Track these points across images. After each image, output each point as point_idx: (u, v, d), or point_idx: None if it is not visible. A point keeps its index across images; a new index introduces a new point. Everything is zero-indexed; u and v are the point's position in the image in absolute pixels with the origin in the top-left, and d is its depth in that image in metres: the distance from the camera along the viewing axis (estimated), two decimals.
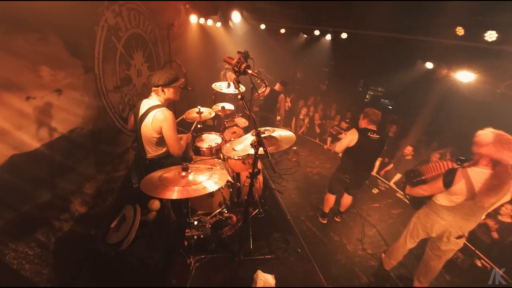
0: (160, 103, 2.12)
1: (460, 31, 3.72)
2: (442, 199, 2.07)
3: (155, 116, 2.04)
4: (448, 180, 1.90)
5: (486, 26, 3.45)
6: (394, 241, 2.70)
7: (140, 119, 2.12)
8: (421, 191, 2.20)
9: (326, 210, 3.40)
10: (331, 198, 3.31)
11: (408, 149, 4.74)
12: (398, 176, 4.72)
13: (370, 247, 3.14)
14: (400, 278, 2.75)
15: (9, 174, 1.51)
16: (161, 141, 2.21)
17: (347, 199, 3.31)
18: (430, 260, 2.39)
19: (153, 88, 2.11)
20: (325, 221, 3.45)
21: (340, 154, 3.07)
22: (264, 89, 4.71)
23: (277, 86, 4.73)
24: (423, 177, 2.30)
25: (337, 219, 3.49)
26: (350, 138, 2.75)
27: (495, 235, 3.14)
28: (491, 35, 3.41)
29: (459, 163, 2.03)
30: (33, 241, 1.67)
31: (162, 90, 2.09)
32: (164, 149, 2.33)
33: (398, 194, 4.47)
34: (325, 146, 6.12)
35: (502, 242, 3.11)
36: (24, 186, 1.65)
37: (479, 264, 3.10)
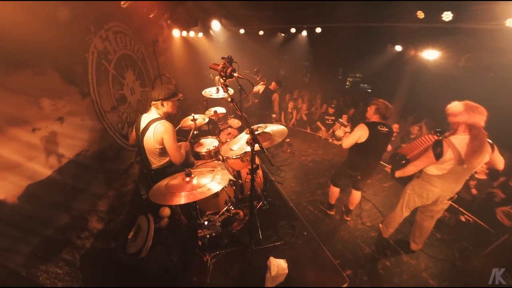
0: (159, 116, 2.14)
1: (420, 14, 3.88)
2: (433, 169, 2.12)
3: (156, 128, 2.07)
4: (438, 152, 1.95)
5: (442, 8, 3.62)
6: (389, 211, 2.80)
7: (142, 133, 2.14)
8: (413, 168, 2.20)
9: (333, 202, 3.22)
10: (336, 191, 3.10)
11: (395, 127, 4.89)
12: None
13: (368, 220, 3.24)
14: (397, 243, 2.87)
15: (28, 203, 1.54)
16: (163, 151, 2.23)
17: (356, 197, 3.05)
18: (423, 222, 2.50)
19: (153, 102, 2.13)
20: (333, 212, 3.28)
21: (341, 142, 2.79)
22: (263, 86, 4.61)
23: (272, 85, 4.84)
24: (408, 157, 2.32)
25: (347, 218, 3.22)
26: (359, 134, 2.47)
27: (474, 191, 3.32)
28: (447, 15, 3.59)
29: (438, 134, 2.09)
30: (61, 261, 1.71)
31: (162, 104, 2.11)
32: (167, 159, 2.35)
33: (386, 169, 4.61)
34: (318, 133, 6.21)
35: (479, 197, 3.30)
36: (43, 212, 1.67)
37: (463, 219, 3.28)
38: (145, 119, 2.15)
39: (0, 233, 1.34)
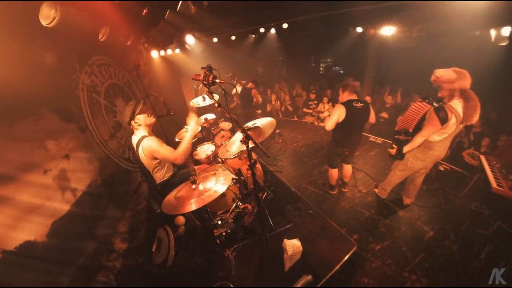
0: (143, 134, 2.07)
1: None
2: (436, 136, 2.14)
3: (142, 147, 2.03)
4: (442, 116, 1.96)
5: None
6: (379, 176, 2.94)
7: (137, 154, 2.12)
8: (421, 138, 2.19)
9: (333, 183, 3.28)
10: (334, 172, 3.15)
11: (367, 99, 5.10)
12: None
13: (363, 188, 3.38)
14: (392, 202, 3.03)
15: (56, 238, 1.57)
16: (162, 164, 2.21)
17: (348, 169, 3.17)
18: (416, 179, 2.64)
19: (131, 125, 2.09)
20: (335, 192, 3.35)
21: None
22: (241, 87, 4.62)
23: (249, 85, 4.89)
24: (410, 130, 2.28)
25: (344, 190, 3.36)
26: (338, 114, 2.52)
27: None
28: None
29: (427, 101, 2.10)
30: (98, 284, 1.75)
31: (136, 122, 2.05)
32: (168, 170, 2.34)
33: (371, 139, 4.79)
34: (304, 119, 6.33)
35: (451, 146, 3.50)
36: (71, 243, 1.70)
37: (441, 168, 3.51)
38: (133, 141, 2.11)
39: (39, 270, 1.38)
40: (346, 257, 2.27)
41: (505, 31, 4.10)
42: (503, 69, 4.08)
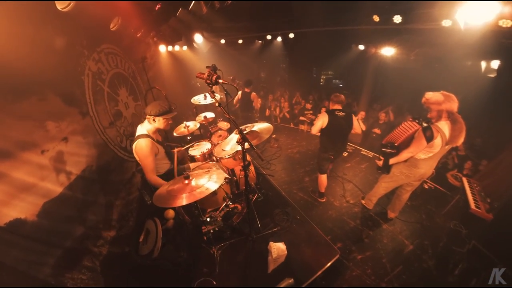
0: (145, 133, 2.06)
1: (376, 18, 4.21)
2: (421, 154, 2.20)
3: (135, 146, 2.02)
4: (428, 135, 2.04)
5: (393, 12, 3.97)
6: (367, 188, 2.99)
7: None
8: (408, 154, 2.24)
9: (322, 190, 3.32)
10: (324, 178, 3.23)
11: (361, 114, 5.24)
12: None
13: (351, 198, 3.43)
14: (377, 214, 3.09)
15: (46, 219, 1.55)
16: None
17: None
18: (402, 195, 2.72)
19: (147, 116, 2.09)
20: (324, 200, 3.38)
21: (318, 133, 3.00)
22: (239, 92, 4.66)
23: (246, 88, 4.90)
24: (396, 144, 2.36)
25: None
26: (322, 120, 2.77)
27: None
28: (397, 18, 3.94)
29: (417, 121, 2.19)
30: (83, 268, 1.73)
31: (153, 120, 2.06)
32: (160, 168, 2.30)
33: (362, 152, 4.89)
34: (300, 127, 6.42)
35: (436, 166, 3.62)
36: (60, 226, 1.68)
37: (426, 186, 3.61)
38: (137, 132, 2.10)
39: (26, 248, 1.37)
40: (329, 264, 2.29)
41: (494, 64, 4.33)
42: (490, 98, 4.29)
